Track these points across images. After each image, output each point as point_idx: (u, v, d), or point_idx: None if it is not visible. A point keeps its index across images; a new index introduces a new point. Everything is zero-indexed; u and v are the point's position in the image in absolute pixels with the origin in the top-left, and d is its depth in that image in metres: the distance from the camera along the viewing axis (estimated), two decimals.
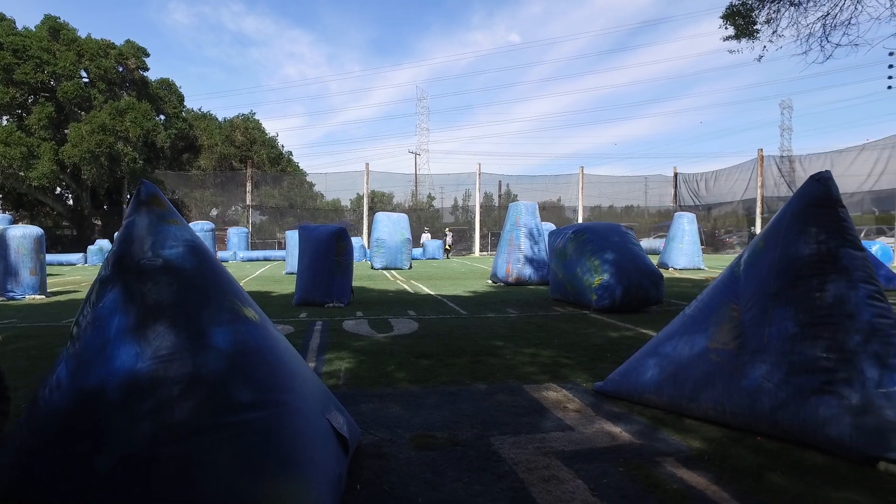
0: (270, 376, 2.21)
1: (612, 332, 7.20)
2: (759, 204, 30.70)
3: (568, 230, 10.17)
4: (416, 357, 5.69)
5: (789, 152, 42.84)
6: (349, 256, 10.02)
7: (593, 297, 8.98)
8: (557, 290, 10.34)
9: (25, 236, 11.30)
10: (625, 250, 9.40)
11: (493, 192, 40.90)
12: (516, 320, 8.17)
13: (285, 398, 2.18)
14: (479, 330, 7.30)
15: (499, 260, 14.24)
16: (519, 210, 14.23)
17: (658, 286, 9.13)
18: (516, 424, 3.62)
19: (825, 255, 3.32)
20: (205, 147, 38.74)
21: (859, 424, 2.97)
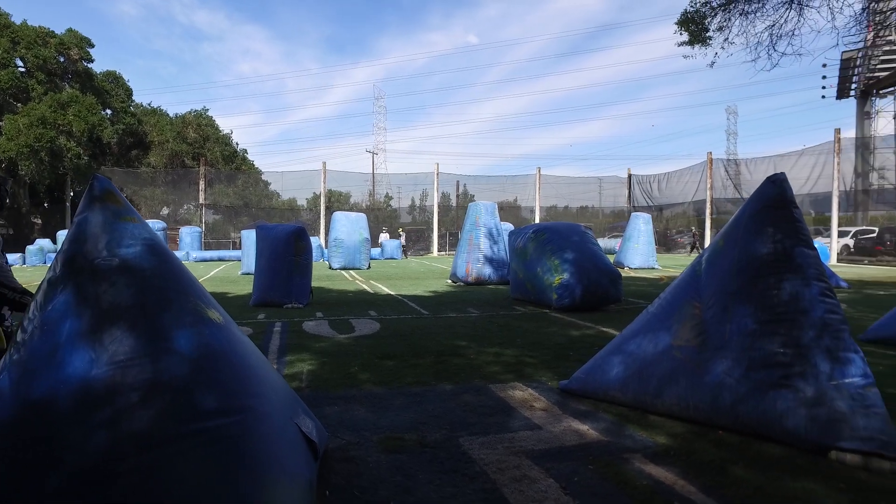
0: (236, 380, 2.12)
1: (574, 330, 7.29)
2: (708, 205, 31.78)
3: (528, 230, 10.27)
4: (379, 358, 5.61)
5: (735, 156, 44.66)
6: (308, 256, 9.83)
7: (553, 296, 9.09)
8: (518, 290, 10.42)
9: None
10: (584, 250, 9.55)
11: (451, 192, 41.02)
12: (478, 320, 8.18)
13: (252, 403, 2.09)
14: (442, 330, 7.27)
15: (458, 260, 14.26)
16: (478, 210, 14.29)
17: (617, 285, 9.31)
18: (484, 424, 3.61)
19: (781, 254, 3.44)
20: (155, 144, 37.37)
21: (813, 416, 3.08)
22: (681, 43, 10.41)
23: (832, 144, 28.77)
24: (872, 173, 33.21)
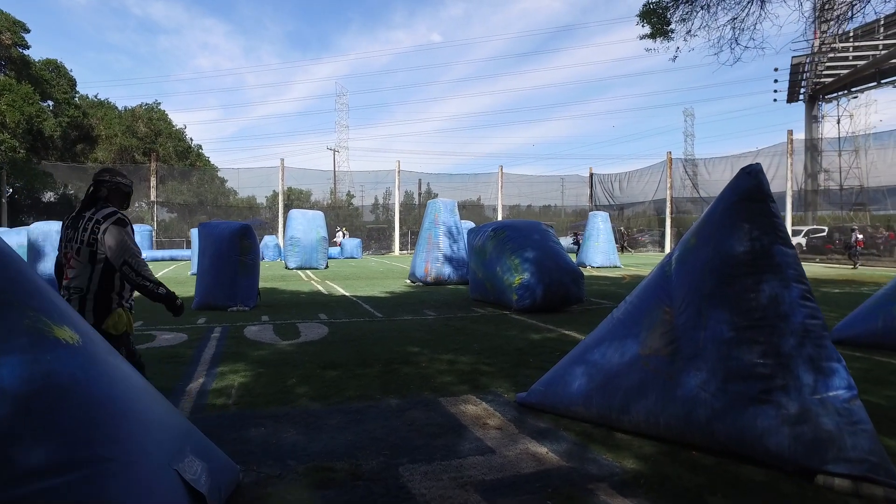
0: (86, 424, 1.61)
1: (534, 333, 6.92)
2: (668, 204, 32.17)
3: (487, 228, 9.88)
4: (322, 368, 5.10)
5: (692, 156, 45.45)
6: (255, 256, 9.21)
7: (514, 296, 8.72)
8: (477, 290, 10.03)
9: None
10: (545, 248, 9.21)
11: (414, 191, 40.49)
12: (434, 323, 7.73)
13: (108, 452, 1.59)
14: (395, 334, 6.80)
15: (417, 259, 13.80)
16: (437, 207, 13.85)
17: (579, 285, 9.01)
18: (430, 448, 3.16)
19: (759, 252, 3.10)
20: (102, 138, 35.53)
21: (797, 435, 2.74)
22: (643, 36, 10.20)
23: (785, 146, 29.47)
24: (821, 174, 34.27)
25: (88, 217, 3.06)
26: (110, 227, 3.01)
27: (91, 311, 3.04)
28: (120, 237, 3.01)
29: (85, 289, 3.04)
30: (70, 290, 3.06)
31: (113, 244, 2.99)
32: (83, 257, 3.03)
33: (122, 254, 3.00)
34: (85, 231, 3.03)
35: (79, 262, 3.04)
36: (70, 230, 3.10)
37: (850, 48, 37.12)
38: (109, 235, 3.00)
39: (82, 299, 3.04)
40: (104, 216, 3.05)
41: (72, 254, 3.05)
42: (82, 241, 3.03)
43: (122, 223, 3.06)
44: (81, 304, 3.04)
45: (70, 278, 3.06)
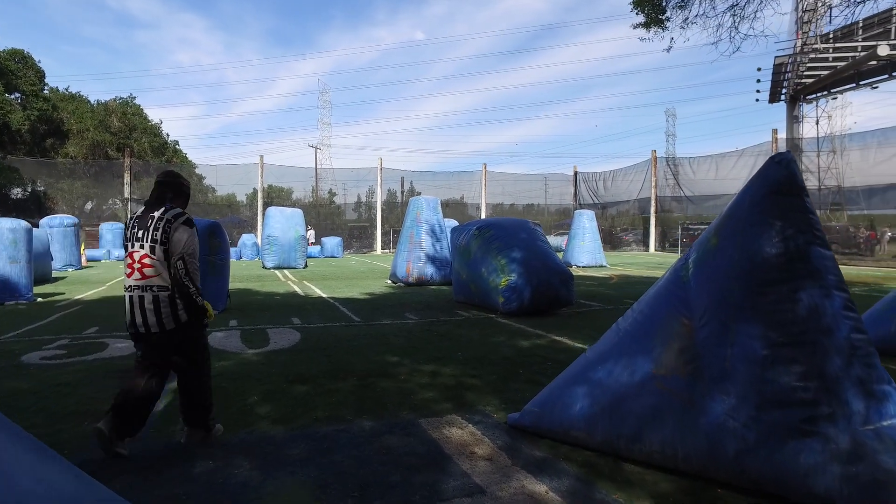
0: None
1: (523, 339, 6.44)
2: (653, 203, 32.00)
3: (471, 226, 9.38)
4: (289, 382, 4.57)
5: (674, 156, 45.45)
6: (224, 255, 8.60)
7: (500, 299, 8.23)
8: (461, 292, 9.53)
9: None
10: (533, 248, 8.75)
11: (397, 189, 39.90)
12: (415, 328, 7.22)
13: None
14: (373, 341, 6.27)
15: (398, 259, 13.26)
16: (420, 205, 13.33)
17: (568, 286, 8.56)
18: (407, 487, 2.65)
19: (794, 254, 2.64)
20: (74, 132, 34.33)
21: (850, 475, 2.28)
22: (636, 25, 9.77)
23: (769, 145, 29.47)
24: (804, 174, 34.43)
25: (158, 217, 3.11)
26: (180, 227, 3.11)
27: (186, 309, 3.12)
28: (186, 236, 3.12)
29: (171, 287, 3.09)
30: (151, 289, 3.06)
31: (178, 240, 3.08)
32: (159, 256, 3.08)
33: (182, 250, 3.08)
34: (157, 230, 3.08)
35: (156, 261, 3.08)
36: (139, 230, 3.12)
37: (830, 49, 37.35)
38: (178, 233, 3.09)
39: (171, 299, 3.08)
40: (174, 216, 3.13)
41: (145, 253, 3.08)
42: (155, 240, 3.08)
43: (190, 224, 3.18)
44: (172, 304, 3.08)
45: (148, 277, 3.07)
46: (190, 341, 3.18)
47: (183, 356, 3.19)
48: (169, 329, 3.06)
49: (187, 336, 3.16)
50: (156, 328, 3.04)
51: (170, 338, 3.08)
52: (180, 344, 3.15)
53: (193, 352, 3.22)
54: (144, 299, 3.05)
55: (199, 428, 3.24)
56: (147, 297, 3.04)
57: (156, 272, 3.07)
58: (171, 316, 3.06)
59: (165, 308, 3.05)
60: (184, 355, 3.19)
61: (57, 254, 17.46)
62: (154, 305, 3.04)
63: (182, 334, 3.12)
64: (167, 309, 3.05)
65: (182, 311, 3.10)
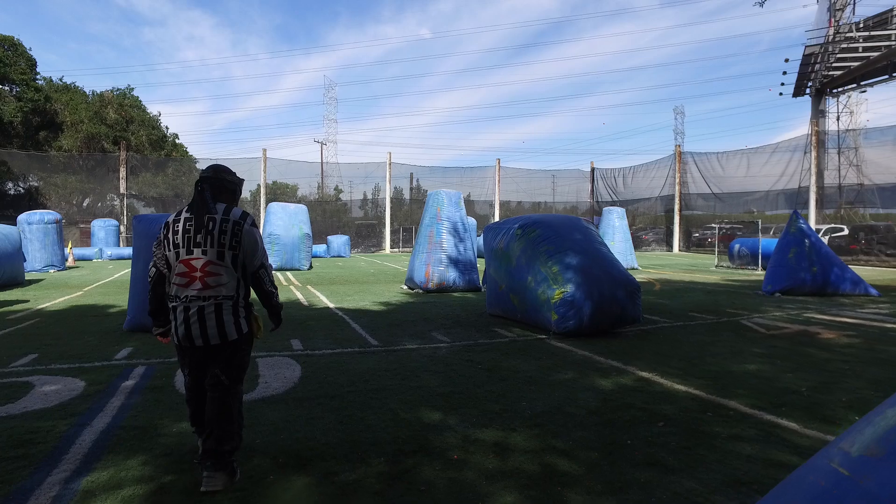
0: None
1: (600, 377, 4.77)
2: (676, 200, 30.21)
3: (511, 225, 7.70)
4: (281, 464, 2.92)
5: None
6: None
7: (553, 316, 6.56)
8: (498, 305, 7.86)
9: None
10: (591, 252, 7.08)
11: (403, 187, 38.26)
12: (451, 357, 5.56)
13: None
14: (399, 381, 4.61)
15: (416, 261, 11.58)
16: (440, 200, 11.65)
17: (635, 300, 6.88)
18: None
19: None
20: (68, 124, 32.74)
21: None
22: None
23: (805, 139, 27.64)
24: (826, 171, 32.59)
25: (222, 218, 2.75)
26: (250, 229, 2.81)
27: (246, 318, 2.85)
28: (259, 240, 2.86)
29: (237, 296, 2.81)
30: (216, 298, 2.72)
31: (253, 245, 2.83)
32: (228, 261, 2.75)
33: (260, 257, 2.85)
34: (224, 233, 2.74)
35: (223, 268, 2.74)
36: (195, 234, 2.71)
37: (861, 39, 35.51)
38: (250, 236, 2.81)
39: (235, 307, 2.79)
40: (240, 216, 2.81)
41: (209, 260, 2.71)
42: (223, 245, 2.73)
43: (256, 225, 2.88)
44: (236, 312, 2.80)
45: (213, 286, 2.72)
46: (240, 357, 2.87)
47: (227, 373, 2.81)
48: (231, 340, 2.79)
49: (240, 350, 2.86)
50: (216, 339, 2.75)
51: (226, 350, 2.79)
52: (231, 358, 2.82)
53: (239, 370, 2.88)
54: (205, 310, 2.72)
55: (223, 470, 2.67)
56: (209, 308, 2.73)
57: (223, 280, 2.76)
58: (234, 325, 2.78)
59: (228, 317, 2.77)
60: (228, 370, 2.82)
61: (36, 253, 15.92)
62: (217, 315, 2.74)
63: (237, 347, 2.83)
64: (230, 318, 2.78)
65: (244, 319, 2.84)
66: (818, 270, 10.62)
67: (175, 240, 2.73)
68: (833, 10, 36.05)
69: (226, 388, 2.80)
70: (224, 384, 2.79)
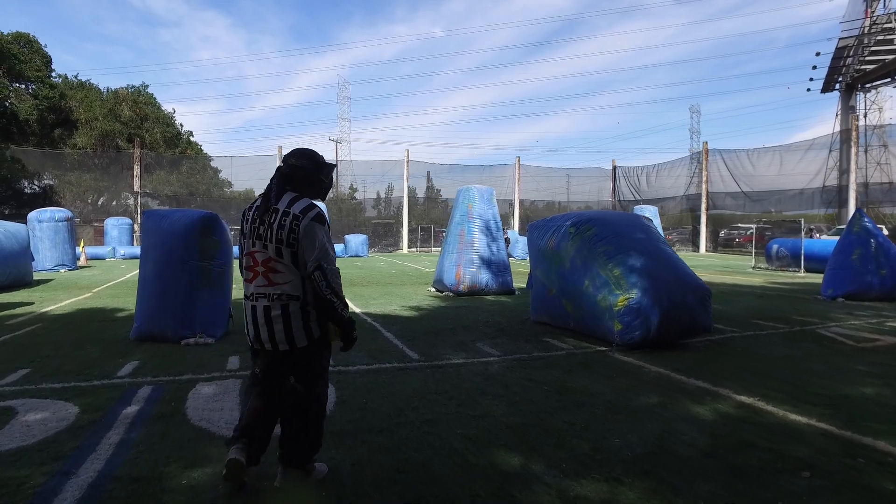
0: None
1: (691, 401, 3.96)
2: (703, 199, 29.13)
3: (562, 222, 6.89)
4: None
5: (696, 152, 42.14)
6: (224, 259, 6.22)
7: (616, 325, 5.74)
8: (546, 311, 7.05)
9: None
10: (656, 253, 6.26)
11: (416, 186, 37.53)
12: (507, 374, 4.76)
13: None
14: (455, 408, 3.82)
15: (445, 262, 10.78)
16: (471, 196, 10.85)
17: (706, 307, 6.05)
18: None
19: None
20: (82, 122, 32.38)
21: None
22: None
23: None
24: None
25: (283, 210, 2.45)
26: (309, 224, 2.43)
27: (317, 321, 2.51)
28: (319, 236, 2.45)
29: (303, 296, 2.48)
30: (280, 298, 2.45)
31: (310, 244, 2.43)
32: (287, 259, 2.45)
33: (318, 256, 2.42)
34: (282, 228, 2.43)
35: (283, 265, 2.46)
36: (259, 225, 2.49)
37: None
38: (308, 233, 2.43)
39: (303, 309, 2.48)
40: (302, 209, 2.45)
41: (270, 256, 2.46)
42: (281, 241, 2.43)
43: (322, 219, 2.48)
44: (305, 316, 2.48)
45: (275, 283, 2.46)
46: (315, 362, 2.56)
47: (302, 380, 2.54)
48: (301, 347, 2.48)
49: (314, 355, 2.54)
50: (284, 345, 2.46)
51: (298, 356, 2.50)
52: (305, 364, 2.53)
53: (316, 376, 2.58)
54: (271, 310, 2.45)
55: (297, 468, 2.61)
56: (275, 308, 2.45)
57: (285, 278, 2.46)
58: (304, 330, 2.46)
59: (297, 321, 2.46)
60: (303, 379, 2.54)
61: (47, 252, 15.37)
62: (284, 318, 2.44)
63: (310, 353, 2.51)
64: (298, 322, 2.46)
65: (315, 323, 2.50)
66: (887, 273, 9.69)
67: (244, 229, 2.57)
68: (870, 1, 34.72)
69: (301, 395, 2.56)
70: (300, 392, 2.55)
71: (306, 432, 2.59)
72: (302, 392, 2.56)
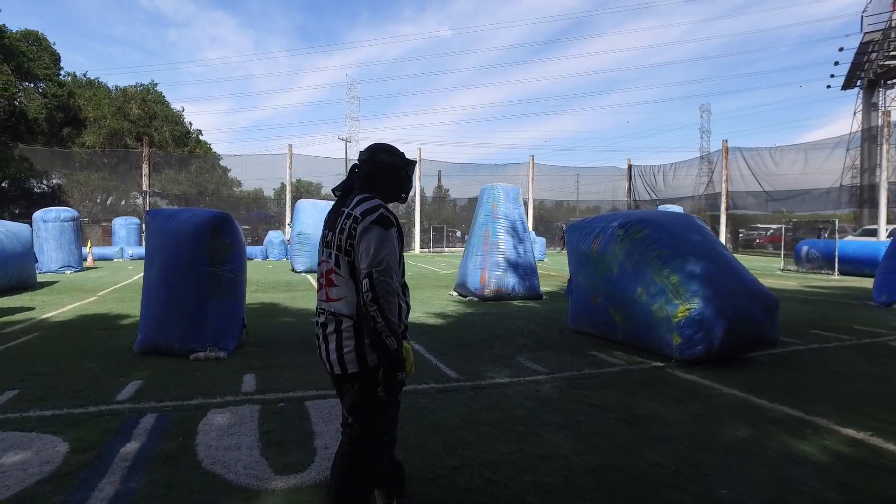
0: None
1: (790, 436, 3.33)
2: (723, 199, 28.32)
3: (607, 223, 6.26)
4: None
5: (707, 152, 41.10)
6: (237, 263, 5.64)
7: (675, 338, 5.11)
8: (589, 320, 6.42)
9: None
10: (716, 258, 5.62)
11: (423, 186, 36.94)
12: (562, 397, 4.14)
13: None
14: (514, 446, 3.20)
15: (469, 264, 10.17)
16: (496, 195, 10.24)
17: (773, 317, 5.40)
18: None
19: None
20: (91, 120, 32.01)
21: None
22: None
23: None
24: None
25: (347, 213, 2.07)
26: (368, 227, 1.98)
27: (371, 345, 1.99)
28: (377, 240, 1.97)
29: (356, 315, 2.03)
30: (335, 316, 2.07)
31: (365, 249, 1.98)
32: (343, 270, 2.07)
33: (370, 262, 1.96)
34: (342, 232, 2.06)
35: (341, 278, 2.07)
36: (328, 232, 2.16)
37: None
38: (363, 236, 1.99)
39: (357, 330, 2.02)
40: (365, 210, 2.02)
41: (331, 266, 2.09)
42: (339, 247, 2.07)
43: (385, 223, 1.99)
44: (358, 338, 2.02)
45: (330, 299, 2.09)
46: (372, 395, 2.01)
47: (356, 412, 2.08)
48: (351, 373, 2.03)
49: (371, 387, 2.00)
50: (338, 369, 2.05)
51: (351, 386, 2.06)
52: (360, 393, 2.05)
53: (370, 410, 2.07)
54: (327, 328, 2.08)
55: None
56: (330, 325, 2.08)
57: (340, 293, 2.07)
58: (355, 352, 2.01)
59: (348, 342, 2.03)
60: (358, 412, 2.08)
61: (52, 253, 14.89)
62: (336, 338, 2.04)
63: (365, 383, 2.02)
64: (350, 343, 2.02)
65: (370, 348, 2.00)
66: None
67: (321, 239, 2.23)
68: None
69: (356, 438, 2.10)
70: (354, 430, 2.10)
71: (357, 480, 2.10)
72: (357, 433, 2.11)
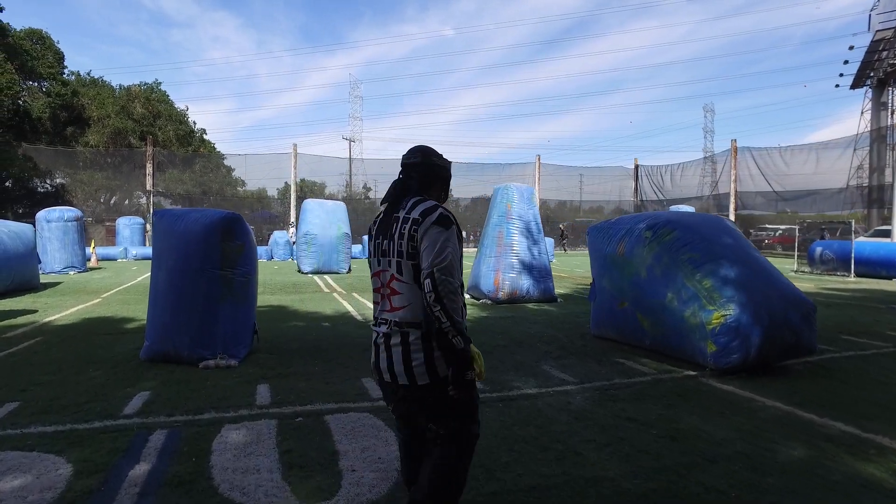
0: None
1: (850, 455, 3.08)
2: (732, 199, 28.01)
3: (633, 225, 6.00)
4: None
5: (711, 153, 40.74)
6: (248, 266, 5.40)
7: (710, 346, 4.86)
8: (614, 325, 6.16)
9: None
10: (750, 261, 5.36)
11: None
12: (596, 410, 3.89)
13: None
14: (555, 468, 2.95)
15: (482, 266, 9.91)
16: (510, 195, 9.99)
17: (811, 324, 5.14)
18: None
19: None
20: (94, 119, 31.83)
21: None
22: None
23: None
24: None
25: (404, 217, 1.99)
26: (430, 227, 1.92)
27: (442, 356, 1.92)
28: (441, 240, 1.90)
29: (424, 324, 1.95)
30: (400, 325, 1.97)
31: (428, 247, 1.90)
32: (407, 276, 1.97)
33: (432, 261, 1.87)
34: (402, 237, 1.97)
35: (404, 284, 1.97)
36: (384, 240, 2.03)
37: None
38: (428, 237, 1.91)
39: (426, 341, 1.94)
40: (423, 212, 1.96)
41: (393, 274, 1.99)
42: (401, 253, 1.97)
43: (445, 222, 1.93)
44: (427, 350, 1.93)
45: (394, 308, 1.98)
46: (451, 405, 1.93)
47: (439, 422, 1.98)
48: (421, 385, 1.95)
49: (447, 396, 1.91)
50: (403, 380, 1.97)
51: (422, 397, 1.96)
52: (436, 404, 1.97)
53: (455, 421, 1.98)
54: (391, 339, 1.99)
55: None
56: (394, 336, 1.98)
57: (404, 300, 1.97)
58: (425, 365, 1.92)
59: (416, 353, 1.94)
60: (442, 421, 1.97)
61: (55, 254, 14.69)
62: (403, 350, 1.95)
63: (440, 393, 1.93)
64: (419, 355, 1.94)
65: (440, 358, 1.93)
66: None
67: (371, 247, 2.14)
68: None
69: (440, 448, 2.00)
70: (441, 435, 1.99)
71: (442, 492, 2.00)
72: (440, 439, 2.01)
